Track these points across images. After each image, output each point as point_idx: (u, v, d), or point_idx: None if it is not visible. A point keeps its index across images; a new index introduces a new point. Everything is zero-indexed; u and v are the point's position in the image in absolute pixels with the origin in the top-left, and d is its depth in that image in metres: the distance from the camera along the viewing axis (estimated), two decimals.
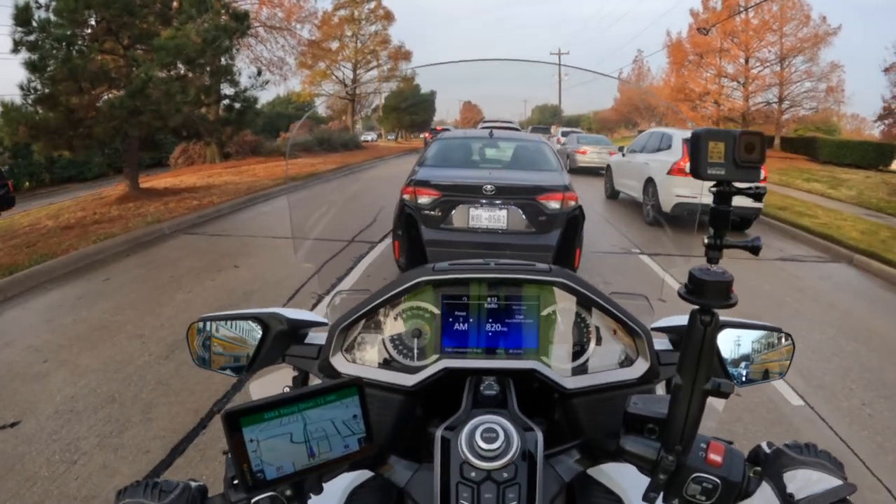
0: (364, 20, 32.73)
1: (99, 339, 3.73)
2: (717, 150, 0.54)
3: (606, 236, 7.36)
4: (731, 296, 0.57)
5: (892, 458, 2.68)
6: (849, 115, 40.60)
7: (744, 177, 0.54)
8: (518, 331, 0.90)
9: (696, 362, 0.59)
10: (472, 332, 0.91)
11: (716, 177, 0.54)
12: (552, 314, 0.91)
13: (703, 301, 0.57)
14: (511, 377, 0.85)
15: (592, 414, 0.87)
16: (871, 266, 6.46)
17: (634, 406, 0.68)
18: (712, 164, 0.54)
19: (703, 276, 0.56)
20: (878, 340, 4.21)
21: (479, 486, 0.64)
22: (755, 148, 0.54)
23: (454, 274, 0.90)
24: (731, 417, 2.96)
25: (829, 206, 10.80)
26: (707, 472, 0.63)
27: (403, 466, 0.72)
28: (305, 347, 0.94)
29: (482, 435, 0.67)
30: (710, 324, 0.58)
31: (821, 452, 0.64)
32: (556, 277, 0.90)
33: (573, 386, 0.87)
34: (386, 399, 0.88)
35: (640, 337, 0.89)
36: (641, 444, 0.66)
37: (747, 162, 0.54)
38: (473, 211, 4.16)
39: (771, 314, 4.66)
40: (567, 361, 0.91)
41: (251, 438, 0.55)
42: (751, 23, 25.09)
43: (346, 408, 0.60)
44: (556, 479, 0.70)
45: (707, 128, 0.54)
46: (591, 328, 0.92)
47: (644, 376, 0.88)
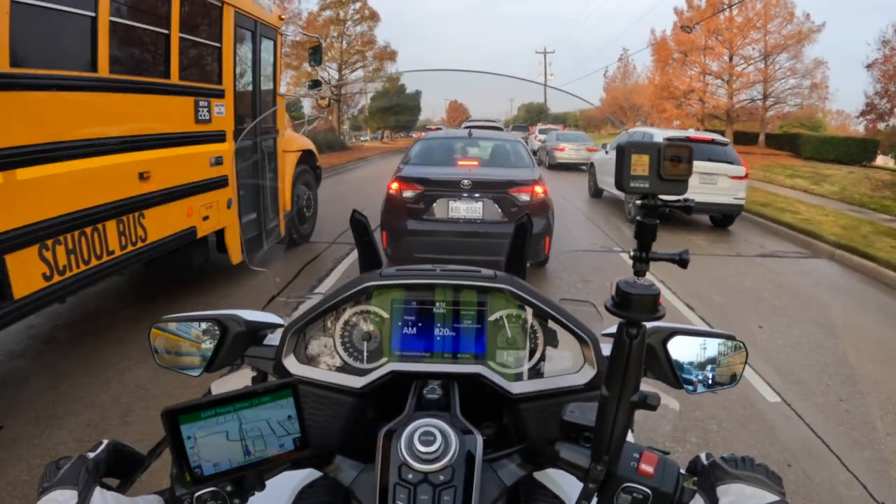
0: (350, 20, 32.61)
1: None
2: (640, 162, 0.54)
3: (588, 234, 7.42)
4: (659, 308, 0.57)
5: (867, 453, 2.72)
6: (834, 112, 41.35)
7: (669, 190, 0.55)
8: (466, 336, 0.92)
9: (622, 375, 0.60)
10: (421, 337, 0.93)
11: (639, 190, 0.55)
12: (500, 320, 0.93)
13: (629, 314, 0.57)
14: (457, 381, 0.86)
15: (539, 420, 0.88)
16: (852, 261, 6.56)
17: (571, 414, 0.70)
18: (635, 178, 0.54)
19: (629, 289, 0.57)
20: (857, 335, 4.26)
21: (416, 487, 0.65)
22: (681, 161, 0.54)
23: (400, 279, 0.93)
24: (705, 415, 2.98)
25: (811, 202, 10.95)
26: (638, 482, 0.63)
27: (349, 466, 0.74)
28: (263, 349, 0.96)
29: (420, 437, 0.68)
30: (636, 336, 0.58)
31: (758, 466, 0.64)
32: (500, 284, 0.91)
33: (519, 391, 0.88)
34: (337, 400, 0.89)
35: (586, 343, 0.90)
36: (575, 451, 0.68)
37: (673, 175, 0.54)
38: (452, 203, 4.61)
39: (750, 310, 4.75)
40: (514, 367, 0.92)
41: (189, 436, 0.58)
42: (735, 20, 25.36)
43: (281, 409, 0.62)
44: (497, 483, 0.72)
45: (632, 141, 0.55)
46: (540, 334, 0.93)
47: (590, 383, 0.88)
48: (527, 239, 1.12)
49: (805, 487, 2.43)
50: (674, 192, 0.55)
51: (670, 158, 0.54)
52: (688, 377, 0.89)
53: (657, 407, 0.62)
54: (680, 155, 0.54)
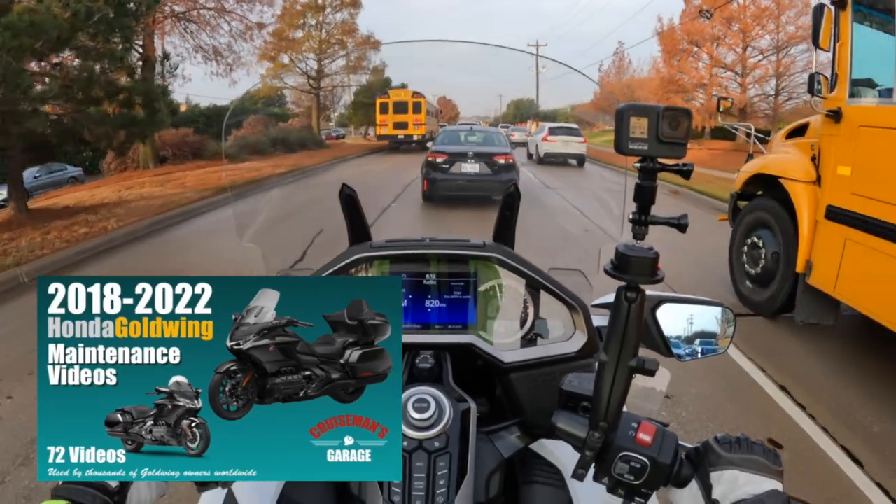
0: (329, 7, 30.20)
1: None
2: (639, 125, 0.55)
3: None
4: (658, 272, 0.58)
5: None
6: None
7: (667, 153, 0.56)
8: (456, 306, 0.95)
9: (620, 339, 0.61)
10: (411, 309, 0.95)
11: (638, 152, 0.56)
12: (490, 290, 0.95)
13: (628, 277, 0.58)
14: (448, 352, 0.89)
15: (531, 390, 0.89)
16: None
17: (569, 384, 0.71)
18: (634, 140, 0.55)
19: (629, 252, 0.58)
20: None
21: (412, 454, 0.68)
22: (680, 124, 0.55)
23: (390, 251, 0.94)
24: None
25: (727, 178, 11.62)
26: (635, 451, 0.64)
27: None
28: None
29: (414, 405, 0.71)
30: (635, 300, 0.59)
31: (754, 445, 0.63)
32: (489, 252, 0.93)
33: (510, 359, 0.90)
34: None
35: (576, 311, 0.91)
36: (573, 421, 0.68)
37: (671, 138, 0.55)
38: (463, 164, 8.00)
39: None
40: (505, 336, 0.94)
41: None
42: (749, 9, 24.15)
43: None
44: (495, 453, 0.77)
45: (631, 103, 0.56)
46: (530, 303, 0.95)
47: (582, 350, 0.90)
48: (515, 209, 1.05)
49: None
50: (672, 155, 0.56)
51: (669, 121, 0.55)
52: (676, 345, 0.90)
53: (655, 372, 0.62)
54: (678, 118, 0.55)
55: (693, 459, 0.65)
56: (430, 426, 0.69)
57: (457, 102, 57.24)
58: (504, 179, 7.49)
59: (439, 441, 0.68)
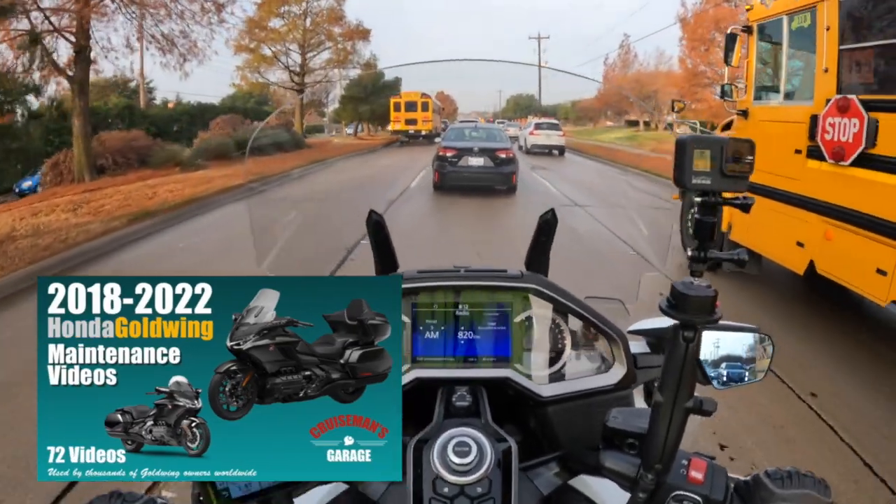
0: None
1: None
2: (702, 158, 0.55)
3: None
4: (716, 311, 0.58)
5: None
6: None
7: (731, 187, 0.56)
8: (491, 338, 0.92)
9: (677, 379, 0.60)
10: (444, 341, 0.93)
11: (700, 187, 0.55)
12: (525, 320, 0.93)
13: (685, 317, 0.58)
14: (484, 386, 0.87)
15: (568, 422, 0.88)
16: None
17: (614, 420, 0.70)
18: (697, 174, 0.55)
19: (686, 290, 0.57)
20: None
21: (453, 501, 0.65)
22: (744, 156, 0.55)
23: (422, 282, 0.92)
24: None
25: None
26: (688, 490, 0.63)
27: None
28: None
29: (454, 449, 0.68)
30: (693, 340, 0.59)
31: (804, 478, 0.63)
32: (527, 283, 0.92)
33: (548, 394, 0.89)
34: None
35: (615, 342, 0.90)
36: (621, 460, 0.67)
37: (736, 172, 0.55)
38: (469, 158, 9.14)
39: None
40: (542, 368, 0.92)
41: None
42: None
43: None
44: (534, 492, 0.74)
45: (693, 134, 0.56)
46: (567, 334, 0.94)
47: (621, 382, 0.89)
48: (550, 235, 1.00)
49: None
50: (735, 189, 0.56)
51: (733, 153, 0.54)
52: (712, 371, 0.89)
53: (713, 412, 0.62)
54: (742, 150, 0.54)
55: (743, 494, 0.65)
56: (471, 471, 0.66)
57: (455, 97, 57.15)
58: (505, 172, 8.88)
59: (481, 486, 0.66)
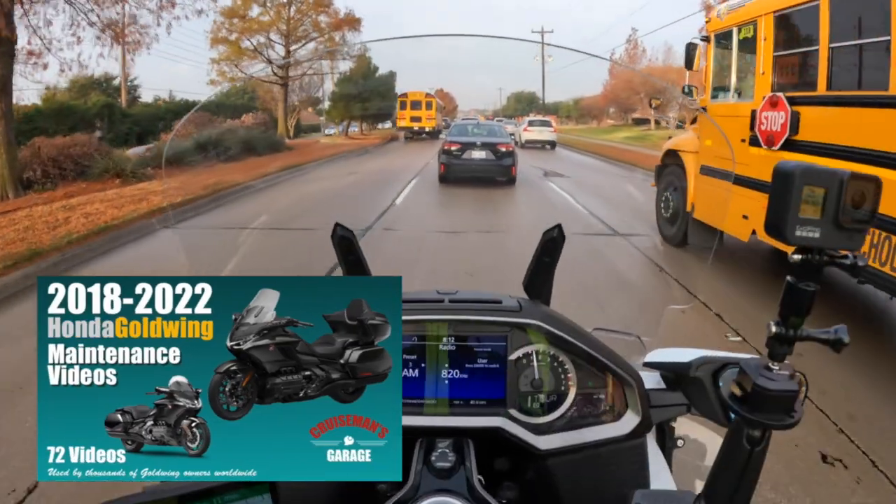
0: None
1: None
2: (813, 200, 0.41)
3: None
4: (795, 412, 0.46)
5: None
6: None
7: (845, 243, 0.42)
8: (481, 378, 0.82)
9: (734, 489, 0.50)
10: (426, 381, 0.82)
11: (806, 240, 0.42)
12: (523, 358, 0.82)
13: (760, 417, 0.46)
14: (471, 438, 0.76)
15: (572, 478, 0.78)
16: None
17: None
18: (805, 222, 0.41)
19: (766, 383, 0.45)
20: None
21: None
22: (865, 200, 0.41)
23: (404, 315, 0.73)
24: None
25: None
26: None
27: None
28: None
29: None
30: (759, 443, 0.48)
31: None
32: (526, 319, 0.81)
33: (548, 446, 0.78)
34: None
35: (629, 385, 0.80)
36: None
37: (854, 223, 0.41)
38: (472, 152, 9.96)
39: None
40: (540, 416, 0.81)
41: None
42: None
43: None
44: None
45: (803, 164, 0.41)
46: (571, 374, 0.82)
47: (634, 431, 0.79)
48: (555, 256, 0.85)
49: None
50: (849, 247, 0.42)
51: (853, 198, 0.41)
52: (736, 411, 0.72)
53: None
54: (865, 192, 0.41)
55: None
56: None
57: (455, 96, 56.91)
58: (505, 164, 9.78)
59: None
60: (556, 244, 0.85)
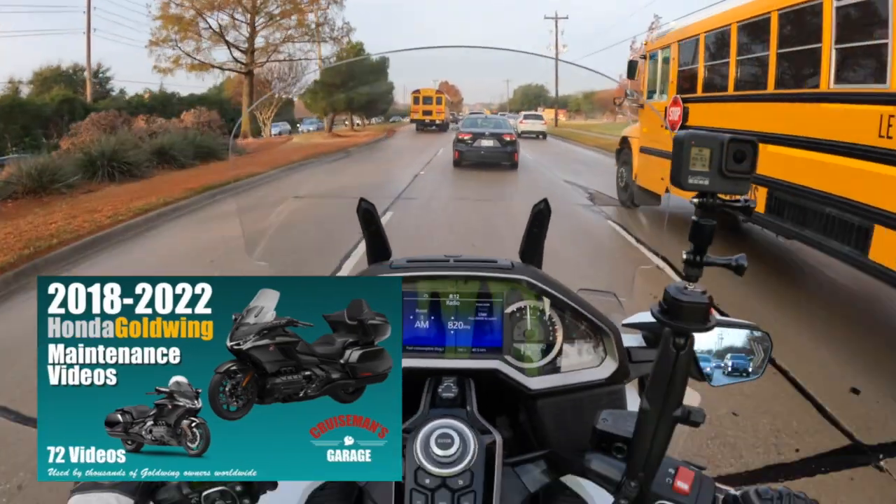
0: None
1: None
2: (701, 156, 0.53)
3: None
4: (710, 318, 0.57)
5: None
6: None
7: (730, 189, 0.54)
8: (481, 329, 0.93)
9: (666, 388, 0.59)
10: (433, 331, 0.93)
11: (697, 186, 0.54)
12: (516, 312, 0.93)
13: (678, 324, 0.57)
14: (473, 377, 0.87)
15: (559, 419, 0.89)
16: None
17: (604, 423, 0.70)
18: (694, 173, 0.53)
19: (681, 296, 0.56)
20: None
21: (434, 493, 0.66)
22: (745, 156, 0.53)
23: (411, 272, 0.92)
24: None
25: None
26: (673, 499, 0.63)
27: None
28: None
29: (437, 440, 0.69)
30: (684, 347, 0.58)
31: (796, 498, 0.62)
32: (518, 275, 0.91)
33: (538, 387, 0.89)
34: None
35: (608, 336, 0.90)
36: (606, 463, 0.68)
37: (735, 172, 0.53)
38: (481, 140, 11.47)
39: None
40: (532, 361, 0.92)
41: None
42: None
43: None
44: (520, 489, 0.73)
45: (691, 131, 0.53)
46: (559, 326, 0.93)
47: (613, 376, 0.89)
48: (544, 226, 0.99)
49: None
50: (735, 191, 0.54)
51: (734, 153, 0.53)
52: (707, 368, 0.90)
53: (701, 423, 0.62)
54: (744, 150, 0.53)
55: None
56: (453, 462, 0.66)
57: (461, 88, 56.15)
58: (509, 151, 11.47)
59: (463, 479, 0.66)
60: (544, 216, 0.97)
